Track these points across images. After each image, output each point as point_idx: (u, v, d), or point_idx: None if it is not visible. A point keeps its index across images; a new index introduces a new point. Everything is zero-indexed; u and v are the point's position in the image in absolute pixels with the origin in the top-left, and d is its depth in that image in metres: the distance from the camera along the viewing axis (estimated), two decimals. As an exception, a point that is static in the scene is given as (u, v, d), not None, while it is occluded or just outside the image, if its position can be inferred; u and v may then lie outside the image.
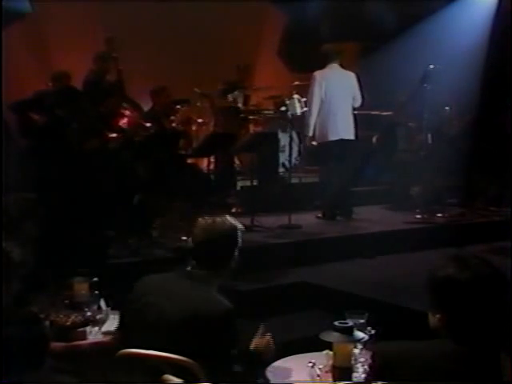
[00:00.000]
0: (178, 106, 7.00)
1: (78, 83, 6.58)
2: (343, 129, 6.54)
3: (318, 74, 6.52)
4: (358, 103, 6.69)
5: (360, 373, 2.30)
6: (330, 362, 2.30)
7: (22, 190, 4.19)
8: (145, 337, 2.36)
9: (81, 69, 6.93)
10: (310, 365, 2.37)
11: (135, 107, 6.79)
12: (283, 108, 6.80)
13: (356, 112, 6.76)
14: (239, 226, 2.63)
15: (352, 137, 6.60)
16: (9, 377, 1.71)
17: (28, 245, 3.03)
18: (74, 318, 2.88)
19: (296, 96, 6.82)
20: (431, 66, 6.62)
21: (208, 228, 2.53)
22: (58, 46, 7.94)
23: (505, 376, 1.74)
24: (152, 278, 2.55)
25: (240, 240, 2.61)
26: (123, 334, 2.54)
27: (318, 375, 2.33)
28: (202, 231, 2.54)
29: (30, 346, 1.76)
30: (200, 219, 2.58)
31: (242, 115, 7.32)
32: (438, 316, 1.82)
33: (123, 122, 6.10)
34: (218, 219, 2.57)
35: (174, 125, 6.76)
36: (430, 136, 6.91)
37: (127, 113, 6.28)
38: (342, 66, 6.65)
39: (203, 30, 8.39)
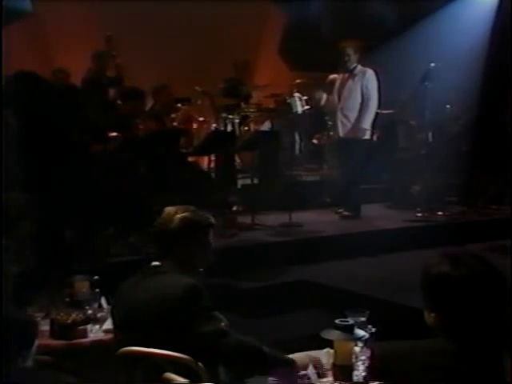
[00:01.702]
0: (179, 105, 6.99)
1: (78, 82, 6.59)
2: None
3: None
4: None
5: (360, 371, 2.29)
6: (331, 361, 2.30)
7: (22, 188, 4.19)
8: (128, 338, 2.38)
9: (81, 68, 6.94)
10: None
11: None
12: (284, 106, 6.79)
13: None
14: (207, 219, 2.55)
15: None
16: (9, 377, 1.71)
17: (27, 243, 3.03)
18: (74, 316, 2.88)
19: (297, 94, 6.81)
20: (432, 65, 6.62)
21: (167, 217, 2.51)
22: (58, 45, 7.94)
23: (507, 376, 1.73)
24: (126, 283, 2.53)
25: (202, 231, 2.53)
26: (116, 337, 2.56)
27: (319, 373, 2.33)
28: (162, 220, 2.52)
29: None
30: (166, 208, 2.55)
31: (242, 113, 7.31)
32: (432, 314, 1.80)
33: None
34: (181, 209, 2.52)
35: (174, 123, 6.75)
36: (430, 134, 6.91)
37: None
38: None
39: (204, 29, 8.39)
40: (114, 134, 5.58)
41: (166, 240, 2.51)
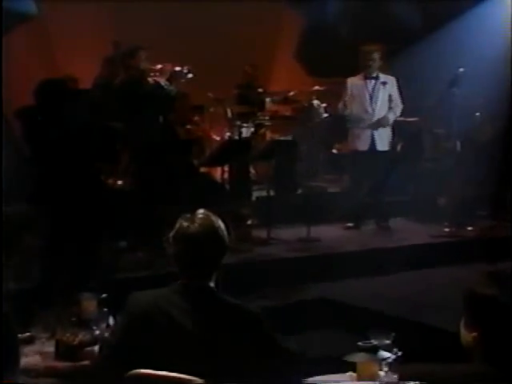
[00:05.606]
0: (196, 117, 7.02)
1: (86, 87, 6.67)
2: None
3: None
4: None
5: (385, 396, 2.28)
6: (354, 384, 2.28)
7: (27, 200, 4.23)
8: (162, 359, 2.35)
9: (88, 73, 7.02)
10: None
11: None
12: (302, 114, 6.81)
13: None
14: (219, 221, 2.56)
15: None
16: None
17: (30, 258, 3.05)
18: (81, 336, 2.88)
19: (316, 101, 6.82)
20: (461, 70, 6.59)
21: (194, 231, 2.44)
22: (64, 49, 8.03)
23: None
24: (147, 295, 2.47)
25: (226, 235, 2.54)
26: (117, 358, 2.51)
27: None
28: (187, 235, 2.44)
29: None
30: (181, 221, 2.48)
31: (257, 121, 7.33)
32: (473, 335, 1.81)
33: None
34: (200, 217, 2.51)
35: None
36: (458, 143, 6.88)
37: None
38: None
39: (217, 33, 8.44)
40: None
41: (217, 259, 2.48)
